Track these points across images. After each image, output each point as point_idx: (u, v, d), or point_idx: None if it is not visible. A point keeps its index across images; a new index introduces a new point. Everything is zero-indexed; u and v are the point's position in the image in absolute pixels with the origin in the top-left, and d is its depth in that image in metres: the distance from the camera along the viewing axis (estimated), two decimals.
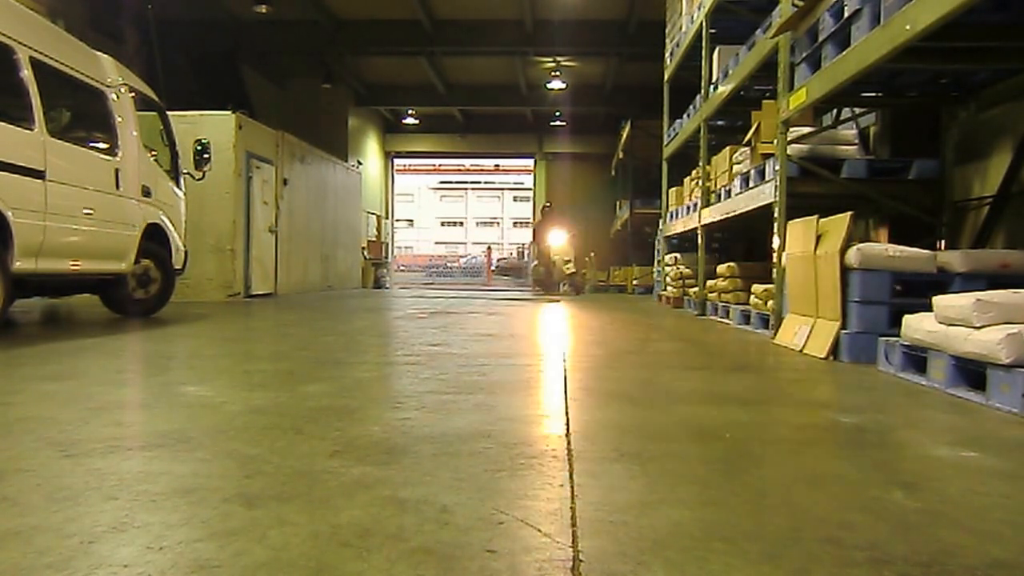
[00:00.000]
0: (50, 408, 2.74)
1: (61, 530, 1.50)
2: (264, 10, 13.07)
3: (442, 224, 62.67)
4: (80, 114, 6.31)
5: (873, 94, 6.67)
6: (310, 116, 17.04)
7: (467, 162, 47.51)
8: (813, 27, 5.13)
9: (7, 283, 4.87)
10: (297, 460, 2.08)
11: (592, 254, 20.48)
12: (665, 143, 12.01)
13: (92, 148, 6.04)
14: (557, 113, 21.64)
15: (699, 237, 9.22)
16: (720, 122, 10.15)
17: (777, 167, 5.87)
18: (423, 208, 60.39)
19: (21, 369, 3.74)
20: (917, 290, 4.43)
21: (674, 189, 11.58)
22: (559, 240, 14.47)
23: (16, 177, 4.87)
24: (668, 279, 11.50)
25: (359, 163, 19.39)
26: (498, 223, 61.95)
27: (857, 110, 7.37)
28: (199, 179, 7.84)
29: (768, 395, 3.54)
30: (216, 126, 9.86)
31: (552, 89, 18.24)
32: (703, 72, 8.87)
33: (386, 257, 22.42)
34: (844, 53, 4.50)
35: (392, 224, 24.85)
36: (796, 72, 5.52)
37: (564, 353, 4.78)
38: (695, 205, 9.49)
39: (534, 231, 14.55)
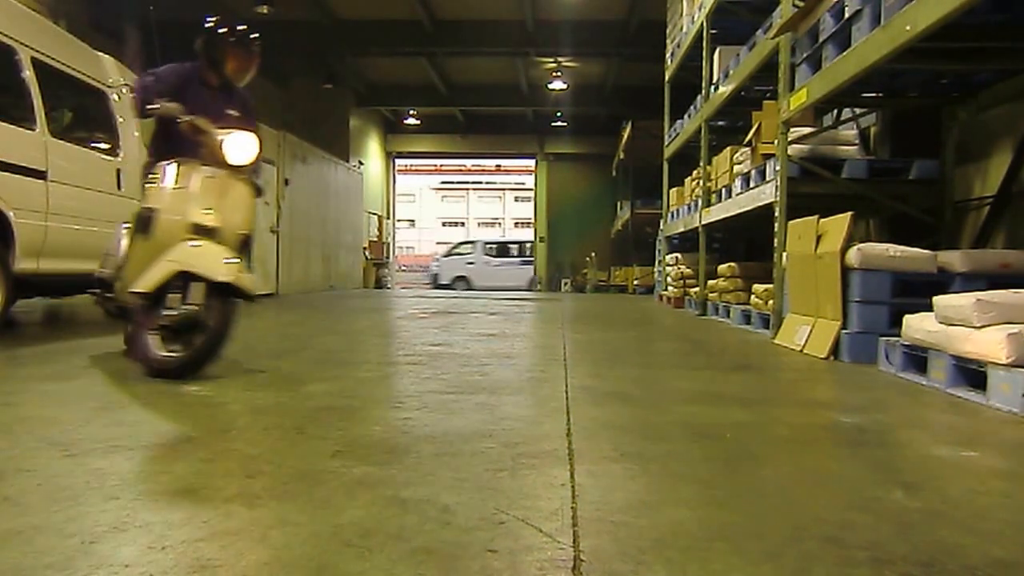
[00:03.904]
0: (51, 408, 2.74)
1: (62, 530, 1.50)
2: (265, 10, 13.07)
3: (443, 224, 62.66)
4: (82, 114, 6.31)
5: (873, 94, 6.67)
6: (311, 116, 17.04)
7: (468, 162, 47.45)
8: (814, 28, 5.13)
9: (9, 283, 4.88)
10: (299, 460, 2.08)
11: (593, 254, 20.49)
12: (666, 143, 12.00)
13: (94, 148, 6.04)
14: (558, 113, 21.62)
15: (700, 237, 9.22)
16: (721, 122, 10.15)
17: (778, 167, 5.87)
18: (424, 208, 60.37)
19: (22, 369, 3.74)
20: (917, 290, 4.43)
21: (675, 189, 11.58)
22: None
23: (18, 177, 4.87)
24: (669, 279, 11.50)
25: (360, 163, 19.40)
26: (499, 223, 61.95)
27: (857, 110, 7.37)
28: None
29: (769, 395, 3.54)
30: None
31: (553, 89, 18.22)
32: (704, 73, 8.87)
33: (388, 257, 22.45)
34: (845, 54, 4.50)
35: (393, 224, 24.85)
36: (797, 72, 5.52)
37: (565, 353, 4.79)
38: (696, 205, 9.48)
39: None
